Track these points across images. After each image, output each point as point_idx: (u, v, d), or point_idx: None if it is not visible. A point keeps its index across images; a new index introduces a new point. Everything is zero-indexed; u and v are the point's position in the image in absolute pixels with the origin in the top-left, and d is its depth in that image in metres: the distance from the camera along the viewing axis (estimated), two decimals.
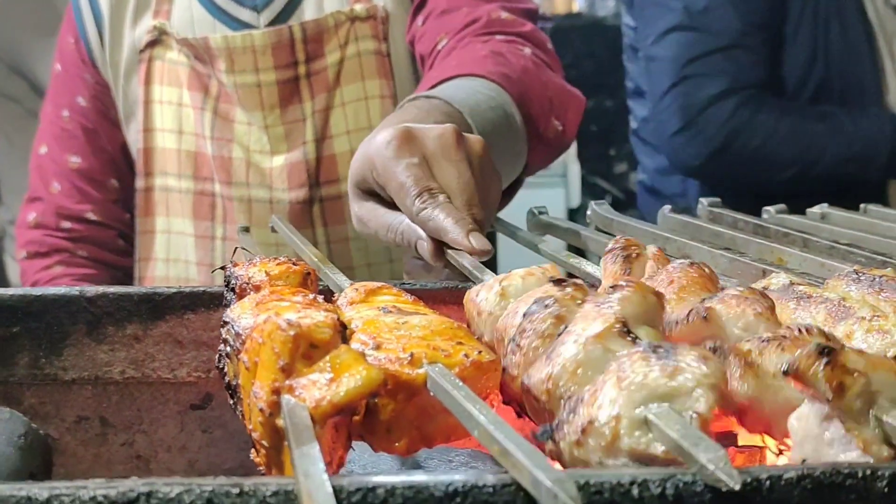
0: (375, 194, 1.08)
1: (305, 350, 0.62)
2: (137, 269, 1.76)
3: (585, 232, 1.17)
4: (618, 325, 0.62)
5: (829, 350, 0.56)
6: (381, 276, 1.67)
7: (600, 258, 0.86)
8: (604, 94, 4.51)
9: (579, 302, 0.67)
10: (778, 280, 0.77)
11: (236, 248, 0.95)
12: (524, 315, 0.69)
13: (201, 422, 1.06)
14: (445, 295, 1.02)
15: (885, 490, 0.53)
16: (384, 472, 0.77)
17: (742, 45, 2.32)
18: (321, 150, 1.66)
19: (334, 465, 0.64)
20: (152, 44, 1.70)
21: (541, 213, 1.25)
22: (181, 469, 1.06)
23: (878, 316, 0.65)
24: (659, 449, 0.55)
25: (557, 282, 0.70)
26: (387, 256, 1.69)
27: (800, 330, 0.61)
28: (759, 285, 0.79)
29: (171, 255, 1.72)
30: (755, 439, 0.69)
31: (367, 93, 1.67)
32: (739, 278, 0.93)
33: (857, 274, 0.75)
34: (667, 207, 1.33)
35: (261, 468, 0.66)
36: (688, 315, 0.66)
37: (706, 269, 0.74)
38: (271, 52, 1.64)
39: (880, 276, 0.73)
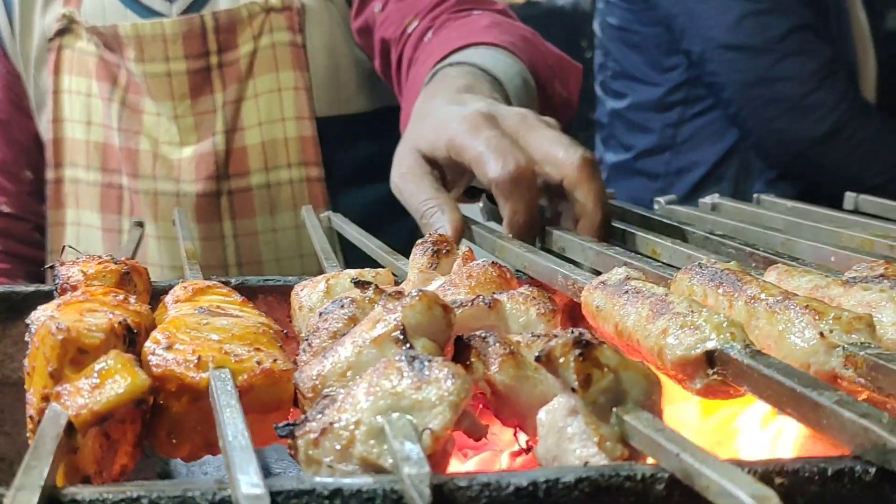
0: (429, 160, 1.09)
1: (74, 355, 0.60)
2: (49, 262, 1.73)
3: (475, 227, 1.15)
4: (396, 332, 0.60)
5: (586, 343, 0.55)
6: (292, 270, 1.65)
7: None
8: None
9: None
10: (616, 274, 0.75)
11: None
12: (320, 314, 0.67)
13: None
14: None
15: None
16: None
17: (815, 23, 2.32)
18: (231, 141, 1.63)
19: (110, 474, 0.62)
20: (62, 32, 1.67)
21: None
22: None
23: (693, 312, 0.63)
24: (388, 461, 0.53)
25: (359, 284, 0.68)
26: (297, 251, 1.66)
27: (573, 332, 0.59)
28: (598, 280, 0.77)
29: (81, 247, 1.69)
30: None
31: (280, 84, 1.64)
32: (603, 270, 0.91)
33: (700, 268, 0.74)
34: None
35: None
36: (473, 300, 0.65)
37: (506, 271, 0.74)
38: (182, 41, 1.61)
39: (721, 270, 0.72)
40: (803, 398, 0.53)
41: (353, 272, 0.78)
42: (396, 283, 0.84)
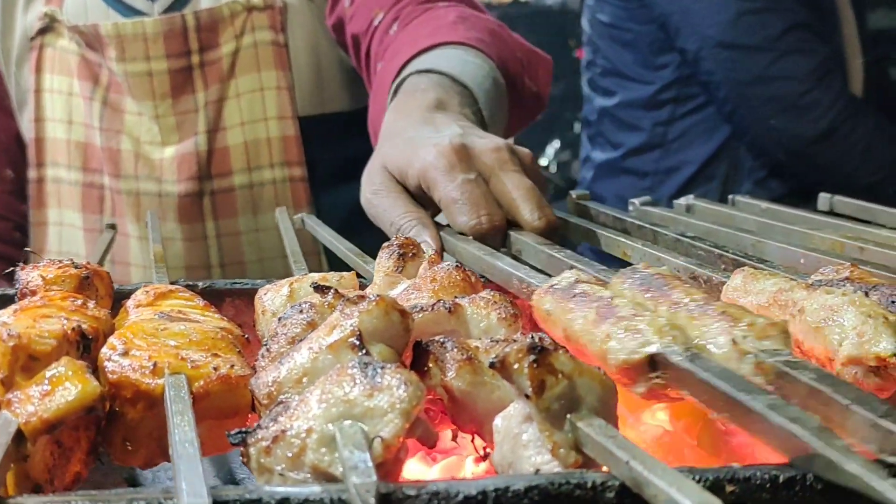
0: (401, 181, 1.09)
1: (25, 362, 0.60)
2: (31, 262, 1.72)
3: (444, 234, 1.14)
4: (352, 338, 0.59)
5: (541, 349, 0.55)
6: (274, 271, 1.64)
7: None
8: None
9: None
10: (566, 278, 0.74)
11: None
12: (279, 319, 0.67)
13: None
14: None
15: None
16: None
17: (811, 21, 2.31)
18: (213, 141, 1.62)
19: (63, 481, 0.61)
20: (43, 31, 1.66)
21: None
22: None
23: (636, 315, 0.63)
24: (339, 470, 0.52)
25: (319, 288, 0.67)
26: (280, 251, 1.64)
27: (532, 337, 0.59)
28: (548, 284, 0.77)
29: (64, 247, 1.68)
30: None
31: (262, 84, 1.63)
32: (554, 272, 0.91)
33: (632, 272, 0.74)
34: None
35: None
36: (433, 305, 0.65)
37: (471, 275, 0.73)
38: (163, 41, 1.60)
39: (652, 275, 0.72)
40: (737, 402, 0.53)
41: (316, 276, 0.77)
42: (363, 287, 0.83)
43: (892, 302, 0.64)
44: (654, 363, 0.60)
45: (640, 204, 1.20)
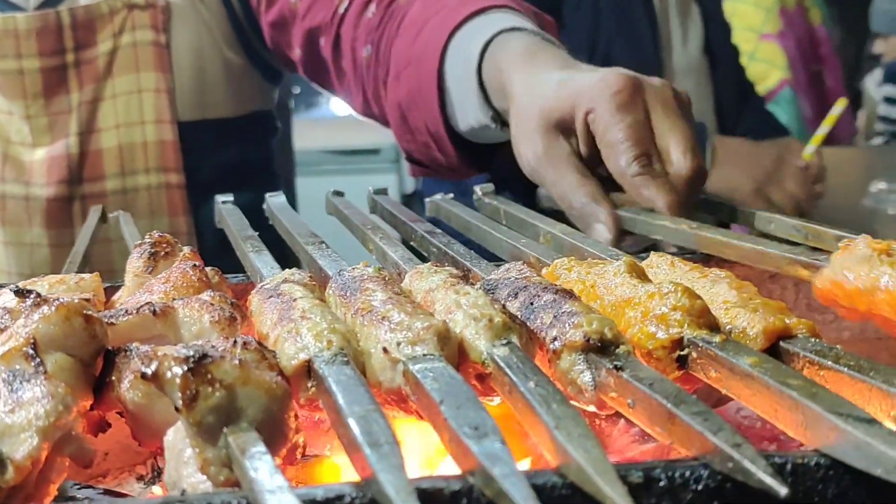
0: (564, 132, 1.02)
1: None
2: None
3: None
4: (26, 348, 0.53)
5: (201, 356, 0.49)
6: None
7: None
8: None
9: None
10: (277, 278, 0.70)
11: None
12: None
13: None
14: None
15: None
16: None
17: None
18: (86, 144, 1.56)
19: None
20: None
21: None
22: None
23: (303, 318, 0.59)
24: None
25: (20, 292, 0.60)
26: None
27: (238, 342, 0.53)
28: (261, 284, 0.71)
29: None
30: None
31: (140, 85, 1.57)
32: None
33: (339, 274, 0.69)
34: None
35: None
36: (139, 308, 0.59)
37: (214, 274, 0.68)
38: (36, 38, 1.53)
39: (354, 276, 0.67)
40: (339, 412, 0.48)
41: (54, 278, 0.71)
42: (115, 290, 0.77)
43: (531, 304, 0.59)
44: (310, 371, 0.56)
45: (442, 198, 1.16)
